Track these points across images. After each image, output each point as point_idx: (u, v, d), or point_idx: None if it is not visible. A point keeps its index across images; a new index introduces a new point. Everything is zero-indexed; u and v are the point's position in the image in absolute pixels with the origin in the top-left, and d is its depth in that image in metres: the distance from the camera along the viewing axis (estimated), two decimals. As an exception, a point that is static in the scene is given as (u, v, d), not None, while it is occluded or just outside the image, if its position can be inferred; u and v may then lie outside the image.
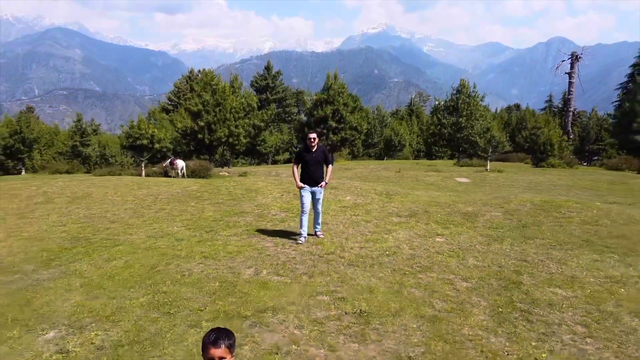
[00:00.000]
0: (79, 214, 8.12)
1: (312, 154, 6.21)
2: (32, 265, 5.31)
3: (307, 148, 6.28)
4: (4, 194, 10.35)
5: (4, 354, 3.28)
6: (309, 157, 6.19)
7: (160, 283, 4.70)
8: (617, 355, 3.35)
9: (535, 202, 9.42)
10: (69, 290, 4.50)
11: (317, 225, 6.58)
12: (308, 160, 6.19)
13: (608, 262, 5.57)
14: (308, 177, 6.23)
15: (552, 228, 7.32)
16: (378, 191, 10.61)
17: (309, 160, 6.18)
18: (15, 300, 4.27)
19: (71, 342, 3.48)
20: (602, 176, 21.27)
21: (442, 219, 7.75)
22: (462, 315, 3.96)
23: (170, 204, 9.03)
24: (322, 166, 6.36)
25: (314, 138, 6.17)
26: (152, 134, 19.98)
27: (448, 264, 5.40)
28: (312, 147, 6.22)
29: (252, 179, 13.18)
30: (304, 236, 6.27)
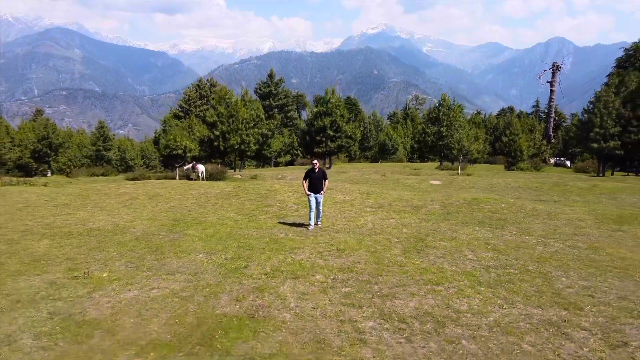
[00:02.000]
0: (164, 206, 12.46)
1: (315, 173, 9.93)
2: (163, 232, 9.63)
3: (312, 169, 10.05)
4: (97, 194, 14.64)
5: (188, 262, 7.59)
6: (313, 175, 9.95)
7: (238, 239, 9.02)
8: (453, 262, 7.65)
9: (467, 199, 13.76)
10: (194, 241, 8.83)
11: (318, 219, 10.35)
12: (313, 177, 9.90)
13: (481, 231, 9.91)
14: (312, 187, 9.94)
15: (465, 215, 11.68)
16: (361, 191, 14.96)
17: (313, 177, 9.92)
18: (174, 245, 8.57)
19: (211, 257, 7.80)
20: (558, 179, 25.67)
21: (398, 209, 12.10)
22: (388, 251, 8.30)
23: (219, 200, 13.36)
24: (322, 181, 10.01)
25: (316, 163, 10.35)
26: (185, 145, 24.23)
27: (391, 232, 9.75)
28: (315, 169, 10.02)
29: (269, 182, 17.51)
30: (311, 226, 10.00)
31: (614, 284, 6.89)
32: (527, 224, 10.82)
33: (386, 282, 6.71)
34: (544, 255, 8.26)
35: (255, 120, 33.23)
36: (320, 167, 10.19)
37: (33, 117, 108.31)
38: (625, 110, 33.28)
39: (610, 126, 32.89)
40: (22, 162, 53.70)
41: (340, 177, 25.57)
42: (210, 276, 6.88)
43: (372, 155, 60.36)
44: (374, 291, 6.37)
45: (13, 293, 6.10)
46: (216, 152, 31.92)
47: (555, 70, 60.75)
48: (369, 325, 5.32)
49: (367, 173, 29.47)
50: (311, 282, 6.65)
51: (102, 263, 7.43)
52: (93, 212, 11.65)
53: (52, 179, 29.26)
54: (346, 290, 6.40)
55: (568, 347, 4.92)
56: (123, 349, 4.67)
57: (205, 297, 6.07)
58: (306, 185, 9.90)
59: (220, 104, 31.56)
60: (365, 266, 7.41)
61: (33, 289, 6.27)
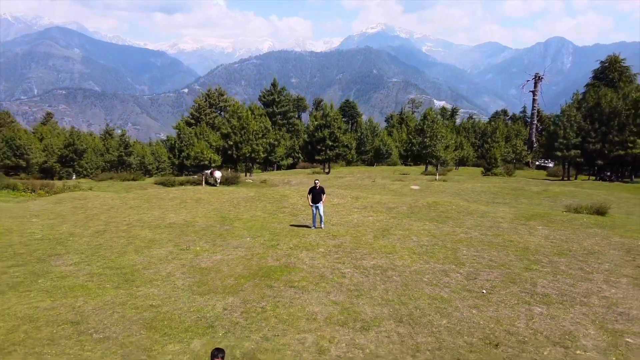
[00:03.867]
0: (210, 208, 17.40)
1: (316, 190, 14.52)
2: (218, 225, 14.58)
3: (314, 187, 14.68)
4: (155, 198, 19.55)
5: (242, 242, 12.55)
6: (315, 191, 14.59)
7: (269, 229, 13.97)
8: (402, 243, 12.59)
9: (429, 202, 18.73)
10: (240, 230, 13.78)
11: (321, 222, 15.19)
12: (314, 193, 14.53)
13: (429, 225, 14.87)
14: (314, 199, 14.60)
15: (423, 213, 16.65)
16: (352, 196, 19.93)
17: (315, 192, 14.55)
18: (229, 232, 13.50)
19: (255, 239, 12.75)
20: (518, 184, 30.69)
21: (376, 210, 17.09)
22: (363, 236, 13.27)
23: (248, 203, 18.33)
24: (321, 195, 14.64)
25: (317, 181, 15.16)
26: (210, 157, 29.11)
27: (368, 225, 14.72)
28: (316, 187, 14.85)
29: (281, 189, 22.46)
30: (313, 227, 14.83)
31: (493, 254, 11.87)
32: (463, 220, 15.78)
33: (359, 252, 11.70)
34: (461, 239, 13.25)
35: (264, 132, 38.15)
36: (320, 185, 15.00)
37: (44, 119, 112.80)
38: (585, 124, 38.30)
39: (572, 137, 37.90)
40: (47, 165, 58.62)
41: (337, 182, 30.58)
42: (258, 249, 11.85)
43: (368, 159, 65.22)
44: (352, 257, 11.35)
45: (153, 256, 11.07)
46: (229, 160, 36.83)
47: (537, 80, 65.70)
48: (347, 271, 10.31)
49: (361, 178, 34.48)
50: (316, 252, 11.63)
51: (192, 242, 12.40)
52: (162, 212, 16.59)
53: (93, 184, 34.07)
54: (336, 256, 11.38)
55: (446, 279, 9.91)
56: (227, 278, 9.65)
57: (259, 258, 11.06)
58: (310, 198, 14.72)
59: (233, 117, 36.46)
60: (348, 244, 12.40)
61: (162, 255, 11.24)
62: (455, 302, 8.75)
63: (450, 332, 7.50)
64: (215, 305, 8.21)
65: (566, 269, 10.97)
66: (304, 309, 8.19)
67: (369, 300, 8.71)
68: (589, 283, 10.02)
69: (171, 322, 7.43)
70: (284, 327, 7.49)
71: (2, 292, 8.49)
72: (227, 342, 6.83)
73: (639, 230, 14.73)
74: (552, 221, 15.81)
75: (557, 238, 13.65)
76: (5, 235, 12.70)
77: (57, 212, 16.25)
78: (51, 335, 6.72)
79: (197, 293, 8.83)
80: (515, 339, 7.35)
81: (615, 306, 8.81)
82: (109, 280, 9.34)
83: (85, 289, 8.76)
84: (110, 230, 13.56)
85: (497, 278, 10.13)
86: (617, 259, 11.83)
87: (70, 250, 11.41)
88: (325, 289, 9.24)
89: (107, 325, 7.22)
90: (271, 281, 9.56)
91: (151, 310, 7.87)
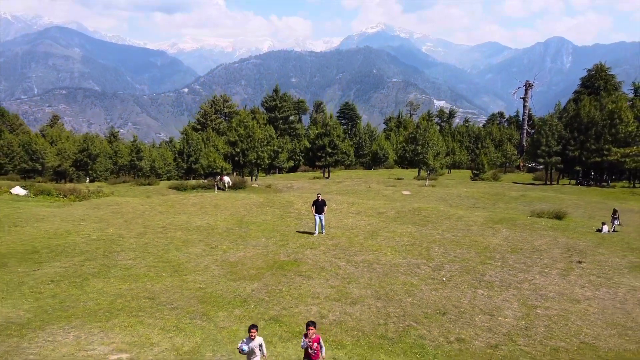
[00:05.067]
0: (227, 212, 20.48)
1: (319, 202, 17.56)
2: (236, 227, 17.67)
3: (317, 200, 17.72)
4: (179, 204, 22.62)
5: (258, 242, 15.65)
6: (318, 203, 17.54)
7: (279, 232, 17.07)
8: (387, 243, 15.69)
9: (415, 207, 21.82)
10: (257, 232, 16.87)
11: (323, 229, 18.32)
12: (317, 205, 17.57)
13: (411, 228, 17.97)
14: (317, 210, 17.83)
15: (407, 218, 19.74)
16: (348, 202, 23.03)
17: (317, 204, 17.55)
18: (247, 234, 16.58)
19: (269, 240, 15.85)
20: (500, 189, 33.78)
21: (368, 214, 20.19)
22: (355, 237, 16.37)
23: (259, 208, 21.41)
24: (323, 207, 17.73)
25: (319, 195, 18.19)
26: (222, 165, 32.16)
27: (360, 228, 17.82)
28: (318, 200, 17.94)
29: (287, 195, 25.53)
30: (316, 234, 17.89)
31: (458, 252, 14.98)
32: (440, 223, 18.88)
33: (352, 250, 14.80)
34: (436, 239, 16.36)
35: (268, 139, 41.22)
36: (322, 198, 17.85)
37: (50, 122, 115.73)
38: (565, 132, 41.42)
39: (554, 145, 41.03)
40: (61, 169, 61.68)
41: (335, 188, 33.70)
42: (272, 247, 14.96)
43: (366, 162, 68.35)
44: (346, 253, 14.46)
45: (190, 253, 14.17)
46: (236, 165, 39.88)
47: (527, 87, 68.83)
48: (342, 264, 13.42)
49: (358, 183, 37.61)
50: (318, 250, 14.75)
51: (219, 242, 15.50)
52: (188, 216, 19.67)
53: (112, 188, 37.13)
54: (334, 253, 14.49)
55: (417, 270, 13.01)
56: (251, 269, 12.76)
57: (273, 254, 14.16)
58: (313, 209, 17.69)
59: (240, 126, 39.52)
60: (344, 244, 15.51)
61: (197, 252, 14.33)
62: (421, 286, 11.86)
63: (413, 305, 10.62)
64: (246, 288, 11.31)
65: (513, 263, 14.08)
66: (309, 290, 11.29)
67: (357, 285, 11.82)
68: (526, 274, 13.14)
69: (217, 298, 10.53)
70: (296, 302, 10.59)
71: (88, 279, 11.57)
72: (258, 311, 9.94)
73: (584, 232, 17.88)
74: (516, 225, 18.92)
75: (514, 239, 16.77)
76: (68, 237, 15.80)
77: (100, 217, 19.34)
78: (138, 306, 9.80)
79: (230, 279, 11.93)
80: (458, 310, 10.46)
81: (539, 290, 11.94)
82: (163, 270, 12.43)
83: (148, 277, 11.86)
84: (150, 232, 16.66)
85: (456, 270, 13.25)
86: (557, 256, 14.95)
87: (124, 248, 14.51)
88: (325, 277, 12.35)
89: (173, 300, 10.32)
90: (284, 271, 12.67)
91: (201, 291, 10.97)
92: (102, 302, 9.80)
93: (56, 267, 12.49)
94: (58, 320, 8.62)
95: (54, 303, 9.66)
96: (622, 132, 38.31)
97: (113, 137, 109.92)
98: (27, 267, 12.40)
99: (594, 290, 12.00)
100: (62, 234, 16.20)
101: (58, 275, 11.76)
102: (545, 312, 10.51)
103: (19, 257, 13.39)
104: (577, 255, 14.90)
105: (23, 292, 10.49)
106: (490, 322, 9.91)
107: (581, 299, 11.39)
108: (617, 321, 10.19)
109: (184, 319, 9.23)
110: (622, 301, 11.36)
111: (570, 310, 10.66)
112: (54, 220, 18.41)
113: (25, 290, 10.62)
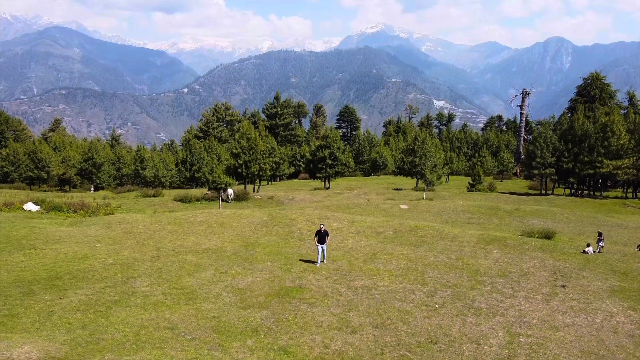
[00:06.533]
0: (234, 233, 21.57)
1: (322, 233, 18.45)
2: (243, 250, 18.76)
3: (319, 230, 18.51)
4: (186, 223, 23.69)
5: (265, 266, 16.74)
6: (321, 233, 18.44)
7: (284, 254, 18.17)
8: (385, 266, 16.80)
9: (411, 226, 22.91)
10: (262, 255, 17.96)
11: (324, 258, 19.14)
12: (320, 235, 18.38)
13: (407, 249, 19.07)
14: (319, 240, 18.68)
15: (404, 238, 20.84)
16: (348, 220, 24.12)
17: (320, 234, 18.35)
18: (253, 257, 17.68)
19: (274, 263, 16.95)
20: (494, 202, 34.87)
21: (367, 234, 21.30)
22: (355, 260, 17.48)
23: (264, 227, 22.50)
24: (325, 237, 18.56)
25: (322, 225, 19.19)
26: (226, 181, 33.26)
27: (359, 250, 18.93)
28: (321, 231, 18.88)
29: (288, 212, 26.59)
30: (318, 263, 18.68)
31: (450, 276, 16.09)
32: (435, 244, 19.98)
33: (352, 275, 15.91)
34: (430, 262, 17.46)
35: (270, 151, 42.30)
36: (324, 229, 18.71)
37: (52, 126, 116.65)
38: (560, 145, 42.55)
39: (548, 157, 42.16)
40: (66, 176, 62.74)
41: (335, 200, 34.79)
42: (277, 272, 16.06)
43: (366, 168, 69.47)
44: (347, 278, 15.56)
45: (202, 278, 15.27)
46: (239, 177, 40.96)
47: (524, 95, 69.99)
48: (343, 290, 14.52)
49: (358, 195, 38.71)
50: (320, 274, 15.85)
51: (228, 266, 16.60)
52: (196, 237, 20.76)
53: (119, 200, 38.20)
54: (335, 278, 15.60)
55: (412, 297, 14.12)
56: (259, 296, 13.86)
57: (279, 280, 15.27)
58: (316, 240, 18.55)
59: (243, 139, 40.59)
60: (344, 268, 16.61)
61: (208, 277, 15.43)
62: (415, 314, 12.97)
63: (408, 334, 11.73)
64: (255, 317, 12.41)
65: (501, 287, 15.20)
66: (313, 319, 12.40)
67: (357, 312, 12.93)
68: (513, 299, 14.26)
69: (230, 328, 11.63)
70: (302, 331, 11.70)
71: (111, 308, 12.66)
72: (268, 341, 11.04)
73: (570, 254, 18.99)
74: (507, 245, 20.03)
75: (504, 261, 17.88)
76: (86, 261, 16.89)
77: (113, 238, 20.43)
78: (160, 337, 10.89)
79: (241, 307, 13.03)
80: (448, 339, 11.57)
81: (523, 316, 13.05)
82: (179, 298, 13.53)
83: (166, 305, 12.95)
84: (162, 256, 17.75)
85: (448, 295, 14.36)
86: (543, 279, 16.07)
87: (140, 274, 15.60)
88: (327, 304, 13.46)
89: (191, 329, 11.41)
90: (290, 298, 13.77)
91: (215, 320, 12.07)
92: (128, 334, 10.89)
93: (79, 294, 13.58)
94: (92, 353, 9.71)
95: (85, 335, 10.75)
96: (614, 145, 39.43)
97: (115, 141, 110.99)
98: (53, 295, 13.49)
99: (574, 317, 13.11)
100: (80, 257, 17.29)
101: (83, 303, 12.85)
102: (527, 341, 11.63)
103: (43, 283, 14.48)
104: (561, 279, 16.02)
105: (54, 322, 11.58)
106: (477, 352, 11.02)
107: (561, 326, 12.51)
108: (592, 349, 11.31)
109: (202, 350, 10.33)
110: (598, 328, 12.47)
111: (549, 338, 11.77)
112: (70, 241, 19.49)
113: (55, 320, 11.72)
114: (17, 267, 15.93)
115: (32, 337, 10.46)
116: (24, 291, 13.70)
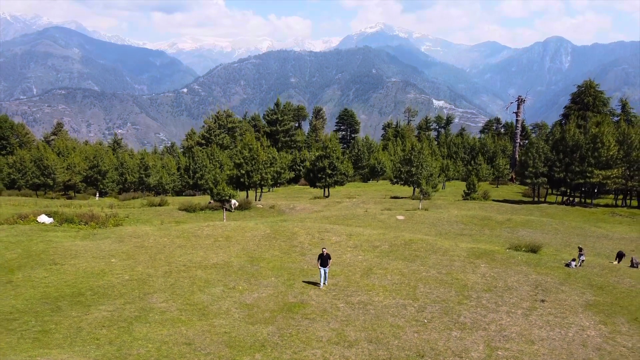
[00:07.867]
0: (239, 247, 23.00)
1: (324, 256, 19.64)
2: (248, 265, 20.19)
3: (322, 254, 19.63)
4: (193, 236, 25.10)
5: (269, 281, 18.18)
6: (323, 257, 19.64)
7: (286, 270, 19.61)
8: (380, 281, 18.23)
9: (406, 239, 24.35)
10: (265, 271, 19.40)
11: (325, 280, 20.16)
12: (322, 258, 19.57)
13: (401, 264, 20.52)
14: (322, 264, 19.81)
15: (399, 252, 22.28)
16: (345, 233, 25.54)
17: (322, 258, 19.57)
18: (258, 273, 19.11)
19: (278, 279, 18.39)
20: (486, 212, 36.30)
21: (364, 249, 22.74)
22: (353, 276, 18.92)
23: (267, 242, 23.93)
24: (327, 260, 19.62)
25: (324, 249, 20.51)
26: (230, 193, 34.69)
27: (356, 265, 20.36)
28: (324, 254, 20.15)
29: (290, 225, 28.00)
30: (321, 285, 19.84)
31: (440, 291, 17.53)
32: (428, 258, 21.41)
33: (350, 290, 17.34)
34: (422, 277, 18.90)
35: (271, 161, 43.70)
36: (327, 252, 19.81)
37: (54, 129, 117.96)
38: (551, 154, 44.00)
39: (540, 167, 43.62)
40: (71, 183, 64.15)
41: (334, 210, 36.20)
42: (281, 287, 17.50)
43: (365, 174, 70.89)
44: (344, 293, 17.00)
45: (212, 294, 16.69)
46: (242, 186, 42.39)
47: (520, 102, 71.42)
48: (341, 305, 15.97)
49: (356, 204, 40.15)
50: (320, 290, 17.29)
51: (235, 282, 18.02)
52: (205, 252, 22.18)
53: (126, 209, 39.60)
54: (334, 293, 17.03)
55: (404, 312, 15.56)
56: (265, 312, 15.30)
57: (283, 296, 16.70)
58: (318, 263, 19.68)
59: (245, 149, 42.01)
60: (342, 284, 18.05)
61: (218, 293, 16.86)
62: (405, 328, 14.41)
63: (399, 348, 13.16)
64: (262, 332, 13.85)
65: (486, 302, 16.64)
66: (314, 334, 13.83)
67: (353, 327, 14.37)
68: (495, 314, 15.70)
69: (240, 343, 13.07)
70: (304, 345, 13.13)
71: (132, 324, 14.09)
72: (274, 355, 12.47)
73: (554, 267, 20.44)
74: (494, 259, 21.47)
75: (490, 276, 19.32)
76: (104, 277, 18.32)
77: (126, 252, 21.85)
78: (180, 352, 12.33)
79: (249, 323, 14.47)
80: (434, 352, 13.01)
81: (503, 330, 14.50)
82: (192, 314, 14.97)
83: (181, 321, 14.38)
84: (174, 271, 19.18)
85: (437, 311, 15.80)
86: (524, 294, 17.51)
87: (155, 290, 17.03)
88: (327, 320, 14.90)
89: (206, 345, 12.84)
90: (293, 314, 15.21)
91: (226, 335, 13.50)
92: (151, 349, 12.32)
93: (102, 310, 15.01)
94: (122, 368, 11.15)
95: (113, 350, 12.19)
96: (604, 156, 40.87)
97: (117, 144, 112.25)
98: (79, 311, 14.92)
99: (549, 331, 14.56)
100: (98, 273, 18.71)
101: (107, 320, 14.28)
102: (505, 354, 13.07)
103: (68, 299, 15.91)
104: (542, 294, 17.46)
105: (84, 338, 13.01)
106: (459, 364, 12.46)
107: (536, 340, 13.95)
108: (561, 362, 12.74)
109: (217, 364, 11.77)
110: (570, 342, 13.92)
111: (525, 352, 13.22)
112: (87, 256, 20.91)
113: (84, 336, 13.15)
114: (42, 284, 17.36)
115: (67, 352, 11.89)
116: (52, 307, 15.12)
